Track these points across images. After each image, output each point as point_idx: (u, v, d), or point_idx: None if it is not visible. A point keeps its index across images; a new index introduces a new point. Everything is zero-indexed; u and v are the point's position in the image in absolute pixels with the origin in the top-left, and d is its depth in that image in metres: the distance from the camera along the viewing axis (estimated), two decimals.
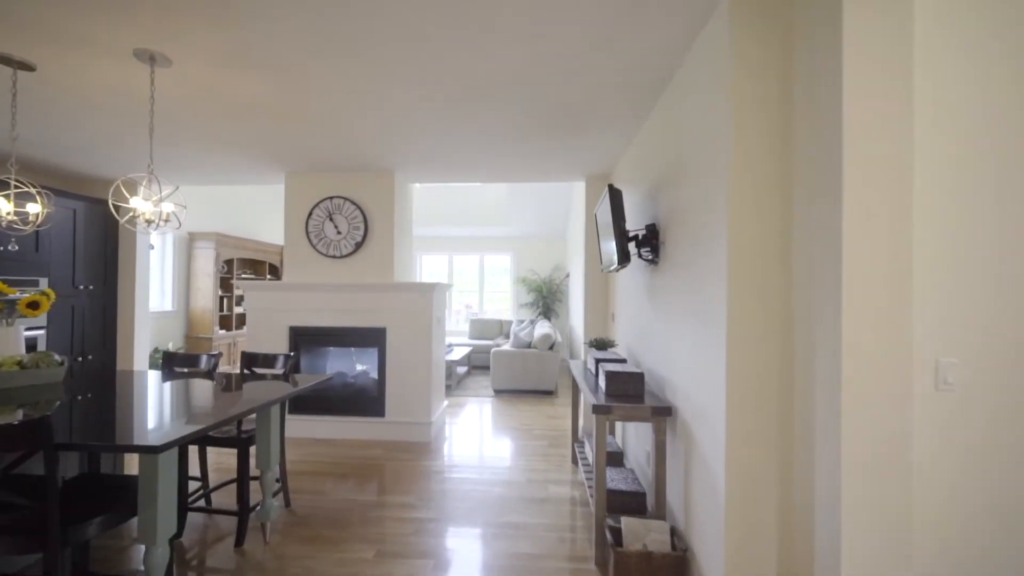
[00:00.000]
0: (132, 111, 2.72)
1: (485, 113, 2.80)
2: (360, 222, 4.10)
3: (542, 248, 8.80)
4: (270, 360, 2.89)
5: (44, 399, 2.09)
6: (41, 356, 2.39)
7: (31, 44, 2.01)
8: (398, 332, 4.04)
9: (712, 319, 1.77)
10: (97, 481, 1.90)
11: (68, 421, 1.86)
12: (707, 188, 1.84)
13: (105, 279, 4.51)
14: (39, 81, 2.35)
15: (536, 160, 3.78)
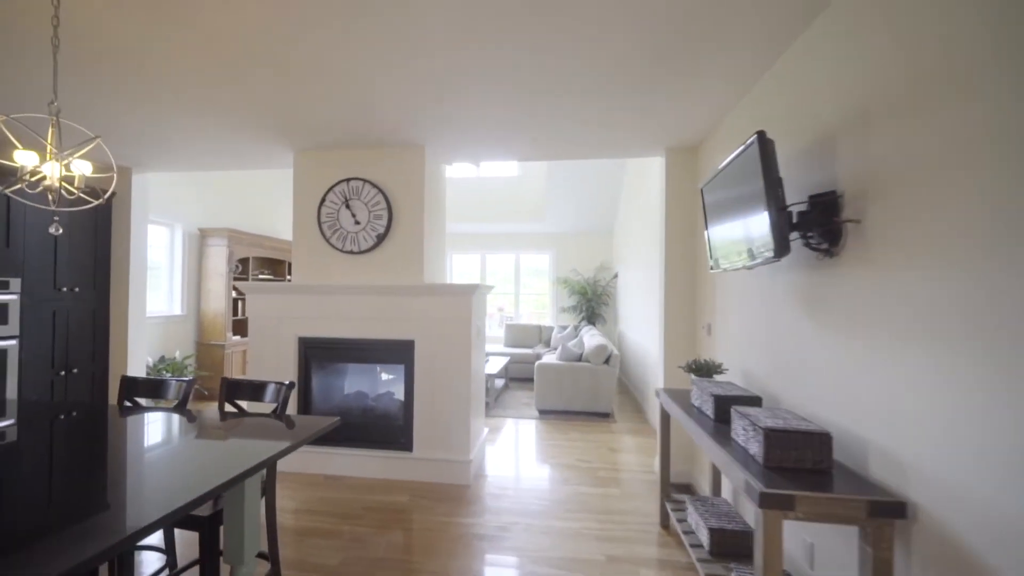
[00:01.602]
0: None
1: (550, 46, 1.95)
2: (383, 209, 3.32)
3: (585, 245, 7.88)
4: (258, 391, 2.12)
5: None
6: None
7: None
8: (430, 346, 3.23)
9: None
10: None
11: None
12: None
13: (95, 280, 3.90)
14: None
15: (604, 127, 2.90)
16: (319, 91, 2.44)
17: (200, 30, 1.85)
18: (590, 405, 4.74)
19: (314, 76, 2.27)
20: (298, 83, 2.34)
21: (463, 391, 3.20)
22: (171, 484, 1.31)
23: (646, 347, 4.99)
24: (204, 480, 1.29)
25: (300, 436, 1.72)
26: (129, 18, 1.76)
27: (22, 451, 1.63)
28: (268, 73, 2.24)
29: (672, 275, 3.26)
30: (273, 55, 2.07)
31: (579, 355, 4.94)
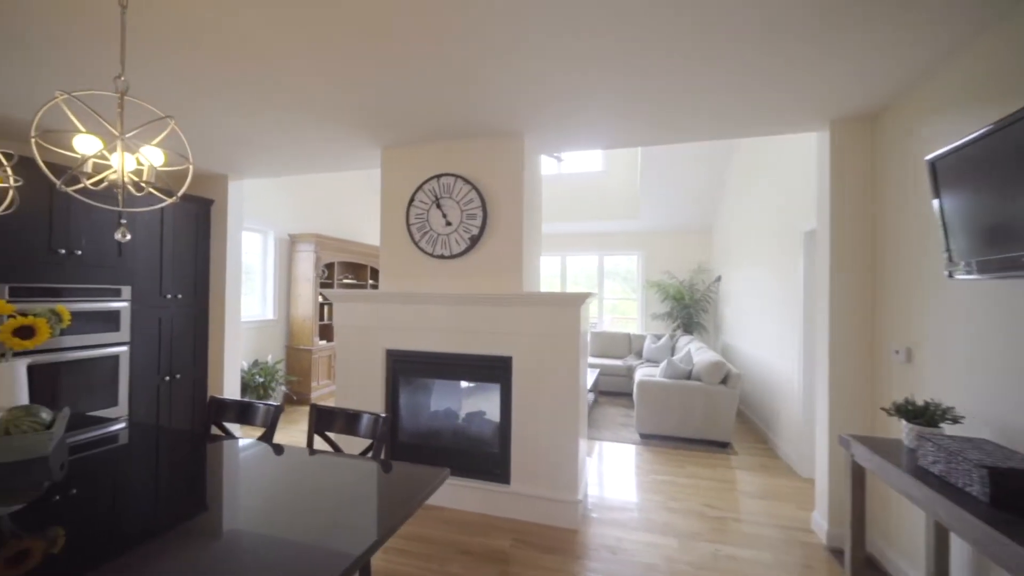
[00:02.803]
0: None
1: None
2: (477, 208, 2.94)
3: (680, 245, 7.08)
4: (351, 422, 1.80)
5: None
6: (17, 415, 1.52)
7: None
8: (530, 364, 2.79)
9: None
10: None
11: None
12: None
13: (195, 287, 3.96)
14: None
15: (748, 100, 2.29)
16: (410, 77, 2.10)
17: (298, 28, 1.56)
18: (704, 432, 4.04)
19: (406, 61, 1.92)
20: (389, 68, 2.01)
21: (570, 419, 2.72)
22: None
23: (770, 364, 4.18)
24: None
25: (416, 492, 1.34)
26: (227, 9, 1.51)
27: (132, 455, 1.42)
28: (358, 60, 1.93)
29: (840, 281, 2.53)
30: (366, 41, 1.74)
31: (688, 372, 4.26)
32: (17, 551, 1.09)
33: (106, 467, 1.66)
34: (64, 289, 2.99)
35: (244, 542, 1.16)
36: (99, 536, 1.21)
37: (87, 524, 1.27)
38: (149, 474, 1.66)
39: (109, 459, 1.72)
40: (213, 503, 1.39)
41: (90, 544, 1.15)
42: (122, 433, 1.98)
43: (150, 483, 1.58)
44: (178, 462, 1.73)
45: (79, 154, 1.03)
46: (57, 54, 1.92)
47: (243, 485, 1.50)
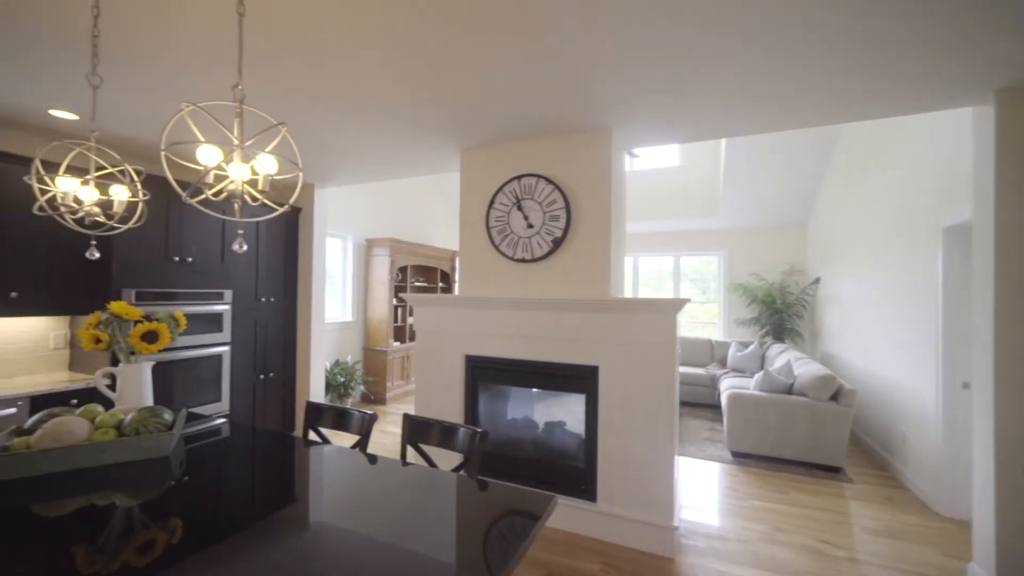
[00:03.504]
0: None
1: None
2: (560, 209, 2.80)
3: (768, 244, 6.47)
4: (447, 435, 1.72)
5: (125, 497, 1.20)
6: (145, 416, 1.59)
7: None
8: (619, 374, 2.60)
9: None
10: None
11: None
12: None
13: (285, 291, 4.18)
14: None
15: (888, 71, 1.93)
16: (497, 79, 1.99)
17: (379, 38, 1.51)
18: (809, 454, 3.59)
19: (495, 63, 1.81)
20: (475, 72, 1.92)
21: (664, 436, 2.49)
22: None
23: (894, 381, 3.63)
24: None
25: (516, 538, 1.21)
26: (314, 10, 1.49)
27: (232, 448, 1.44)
28: (443, 67, 1.86)
29: (1009, 284, 2.08)
30: (453, 48, 1.66)
31: (788, 385, 3.82)
32: (145, 540, 1.15)
33: (212, 459, 1.71)
34: (177, 293, 3.25)
35: (334, 539, 1.10)
36: (206, 522, 1.26)
37: (198, 511, 1.32)
38: (248, 468, 1.68)
39: (214, 451, 1.78)
40: (307, 508, 1.36)
41: (199, 529, 1.21)
42: (223, 428, 2.06)
43: (249, 476, 1.60)
44: (273, 460, 1.75)
45: (202, 166, 1.01)
46: (176, 75, 2.04)
47: (339, 492, 1.47)
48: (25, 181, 1.45)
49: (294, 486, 1.57)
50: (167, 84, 2.14)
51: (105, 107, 2.43)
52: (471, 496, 1.45)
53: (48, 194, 1.51)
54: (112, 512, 1.30)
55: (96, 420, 1.56)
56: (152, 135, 2.87)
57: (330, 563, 1.06)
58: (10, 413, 2.46)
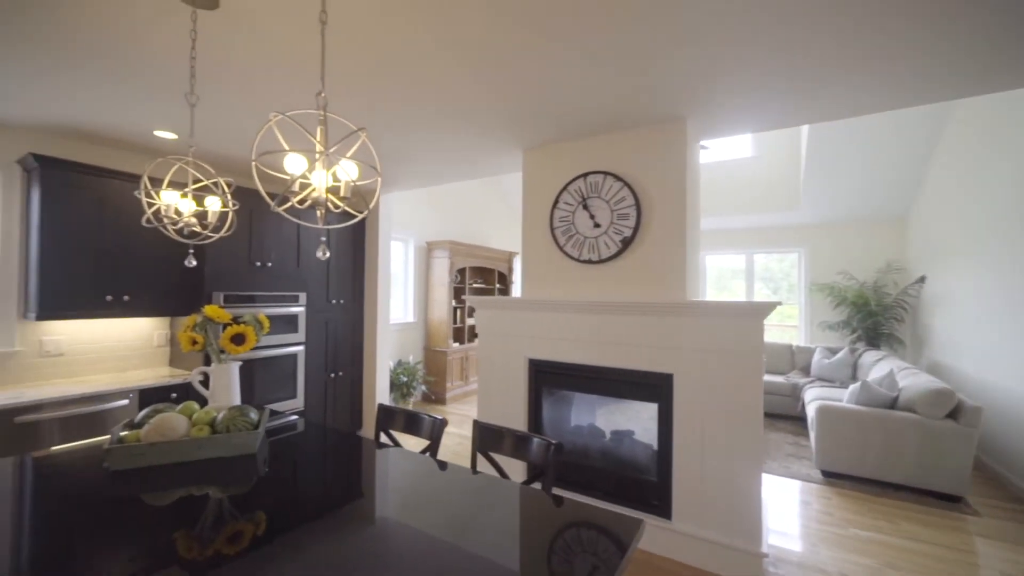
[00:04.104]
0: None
1: None
2: (629, 207, 2.66)
3: (858, 239, 5.84)
4: (520, 444, 1.66)
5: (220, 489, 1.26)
6: (234, 415, 1.67)
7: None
8: (697, 383, 2.41)
9: None
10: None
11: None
12: None
13: (353, 293, 4.36)
14: (226, 25, 1.65)
15: None
16: (564, 73, 1.90)
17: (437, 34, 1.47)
18: (921, 479, 3.15)
19: (564, 58, 1.72)
20: (543, 68, 1.84)
21: (751, 452, 2.27)
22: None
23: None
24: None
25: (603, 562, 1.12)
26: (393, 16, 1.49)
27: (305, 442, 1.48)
28: (511, 65, 1.80)
29: None
30: (522, 46, 1.59)
31: (892, 399, 3.38)
32: (234, 531, 1.21)
33: (290, 455, 1.76)
34: (258, 296, 3.47)
35: (398, 534, 1.06)
36: (284, 514, 1.31)
37: (278, 504, 1.37)
38: (321, 464, 1.72)
39: (291, 447, 1.84)
40: (374, 505, 1.34)
41: (278, 521, 1.27)
42: (298, 424, 2.14)
43: (322, 472, 1.63)
44: (344, 459, 1.77)
45: (288, 175, 1.02)
46: (260, 91, 2.16)
47: (408, 494, 1.44)
48: (135, 196, 1.58)
49: (362, 483, 1.58)
50: (252, 100, 2.27)
51: (198, 125, 2.63)
52: (545, 512, 1.37)
53: (153, 207, 1.62)
54: (206, 503, 1.37)
55: (193, 417, 1.67)
56: (237, 150, 3.07)
57: (393, 557, 1.09)
58: (123, 404, 2.73)
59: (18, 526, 1.23)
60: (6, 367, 2.71)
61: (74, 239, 2.73)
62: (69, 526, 1.22)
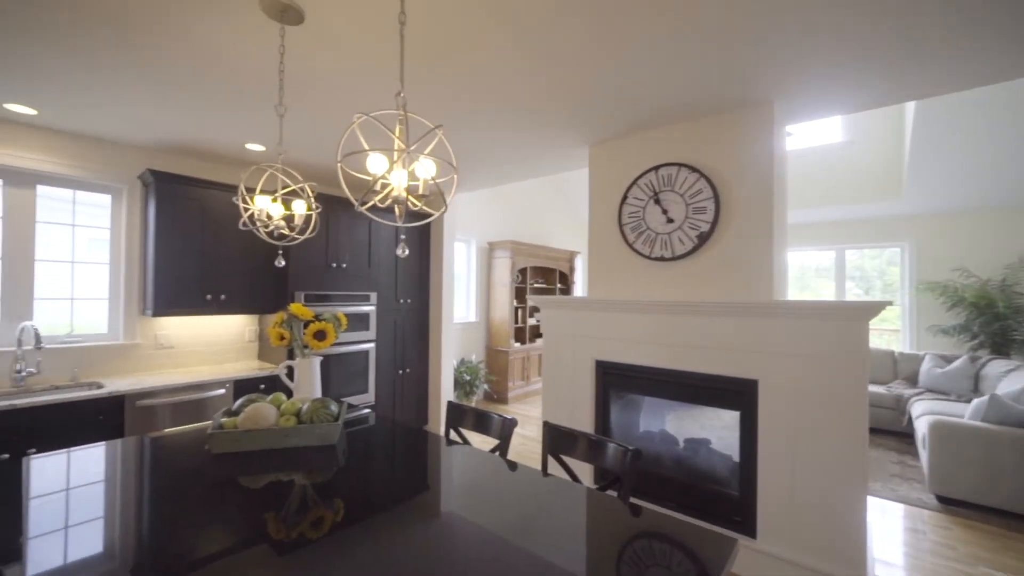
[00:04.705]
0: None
1: None
2: (706, 200, 2.48)
3: (980, 231, 5.07)
4: (595, 449, 1.59)
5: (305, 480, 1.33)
6: (317, 407, 1.76)
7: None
8: (787, 390, 2.19)
9: None
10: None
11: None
12: None
13: (420, 292, 4.49)
14: (309, 39, 1.74)
15: None
16: (636, 60, 1.79)
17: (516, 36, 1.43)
18: None
19: (636, 43, 1.62)
20: (612, 56, 1.75)
21: (854, 469, 2.02)
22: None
23: None
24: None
25: None
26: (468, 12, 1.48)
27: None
28: (579, 55, 1.72)
29: None
30: (592, 35, 1.51)
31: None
32: (317, 516, 1.26)
33: (363, 447, 1.82)
34: (333, 295, 3.68)
35: (464, 529, 1.03)
36: (359, 503, 1.34)
37: (353, 493, 1.41)
38: (393, 458, 1.75)
39: (365, 440, 1.89)
40: (438, 500, 1.33)
41: (353, 509, 1.31)
42: (370, 418, 2.20)
43: (393, 465, 1.65)
44: (415, 453, 1.79)
45: (370, 174, 1.03)
46: (339, 100, 2.27)
47: (478, 492, 1.42)
48: (233, 202, 1.71)
49: (431, 478, 1.58)
50: (332, 108, 2.39)
51: (283, 136, 2.82)
52: (620, 521, 1.29)
53: (248, 212, 1.75)
54: (291, 489, 1.44)
55: (281, 407, 1.77)
56: (317, 159, 3.27)
57: (457, 552, 1.09)
58: (221, 393, 3.00)
59: (139, 498, 1.37)
60: (129, 357, 3.08)
61: (181, 244, 3.04)
62: (178, 500, 1.34)
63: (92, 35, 1.74)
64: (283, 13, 1.57)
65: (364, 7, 1.55)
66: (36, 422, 2.32)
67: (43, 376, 2.74)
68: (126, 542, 1.13)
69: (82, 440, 2.43)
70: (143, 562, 1.05)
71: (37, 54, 1.89)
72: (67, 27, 1.69)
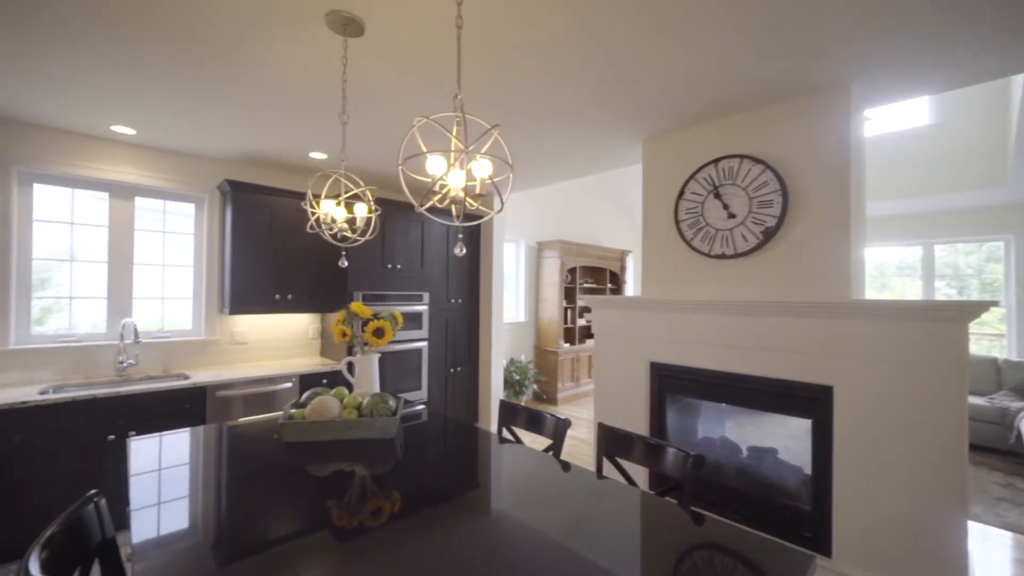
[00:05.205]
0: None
1: None
2: (773, 193, 2.32)
3: None
4: (653, 453, 1.53)
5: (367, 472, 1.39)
6: (376, 402, 1.83)
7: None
8: (869, 398, 2.00)
9: None
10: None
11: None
12: None
13: (470, 292, 4.55)
14: (369, 49, 1.81)
15: None
16: (695, 45, 1.70)
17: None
18: None
19: (696, 29, 1.53)
20: (671, 44, 1.67)
21: (950, 490, 1.81)
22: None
23: None
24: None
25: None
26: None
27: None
28: (623, 38, 1.66)
29: None
30: (652, 23, 1.45)
31: None
32: (376, 506, 1.31)
33: (418, 441, 1.86)
34: (388, 295, 3.82)
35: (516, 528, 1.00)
36: (413, 495, 1.37)
37: (409, 485, 1.45)
38: (446, 453, 1.78)
39: (420, 435, 1.94)
40: (489, 497, 1.33)
41: (409, 501, 1.34)
42: (423, 414, 2.25)
43: (447, 459, 1.68)
44: (468, 450, 1.80)
45: (429, 176, 1.06)
46: (396, 108, 2.35)
47: (530, 491, 1.41)
48: (299, 208, 1.82)
49: (482, 474, 1.59)
50: (389, 114, 2.49)
51: (340, 144, 2.97)
52: (681, 529, 1.23)
53: (314, 216, 1.85)
54: (352, 478, 1.50)
55: (343, 401, 1.86)
56: (374, 164, 3.41)
57: (506, 548, 1.10)
58: (287, 387, 3.21)
59: (218, 480, 1.48)
60: (209, 352, 3.37)
61: (253, 247, 3.28)
62: (252, 484, 1.44)
63: (179, 64, 1.94)
64: (346, 27, 1.65)
65: (421, 16, 1.60)
66: (135, 407, 2.59)
67: (140, 367, 3.05)
68: (207, 520, 1.23)
69: (171, 425, 2.69)
70: (222, 539, 1.14)
71: (136, 82, 2.12)
72: (161, 58, 1.88)
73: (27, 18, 1.63)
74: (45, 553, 0.94)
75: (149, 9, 1.58)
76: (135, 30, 1.70)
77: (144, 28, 1.69)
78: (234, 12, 1.60)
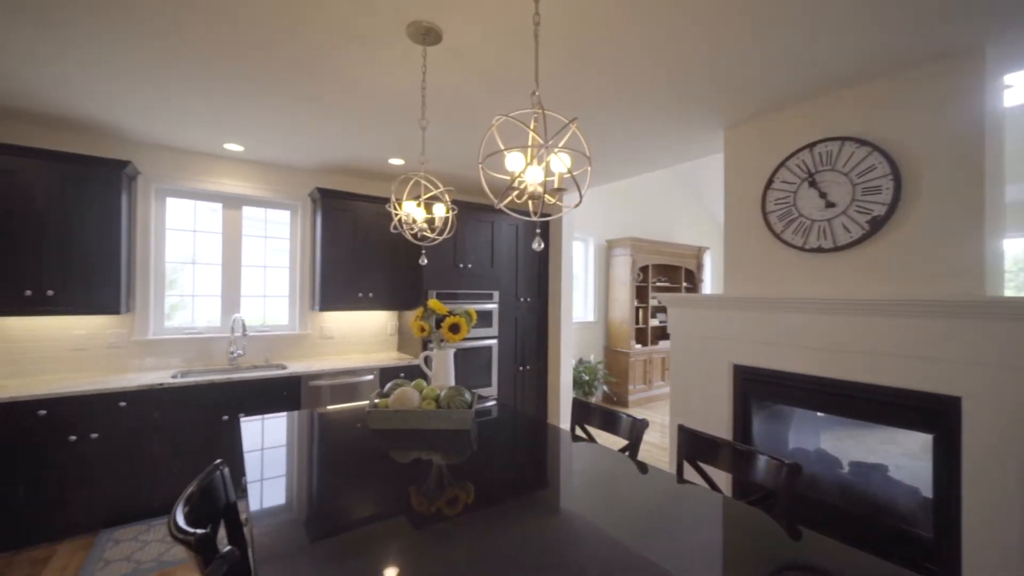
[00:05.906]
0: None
1: None
2: (881, 178, 2.06)
3: None
4: (742, 460, 1.42)
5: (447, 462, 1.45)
6: (453, 394, 1.89)
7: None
8: (1008, 412, 1.70)
9: None
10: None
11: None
12: None
13: (539, 291, 4.56)
14: (446, 56, 1.88)
15: None
16: (784, 21, 1.55)
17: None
18: None
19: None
20: (756, 20, 1.54)
21: None
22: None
23: None
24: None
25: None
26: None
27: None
28: (715, 24, 1.55)
29: None
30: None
31: None
32: (452, 495, 1.35)
33: (491, 435, 1.88)
34: (460, 294, 3.94)
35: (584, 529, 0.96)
36: (486, 488, 1.40)
37: (482, 478, 1.47)
38: (518, 448, 1.78)
39: (492, 429, 1.96)
40: (558, 494, 1.30)
41: (482, 493, 1.37)
42: (494, 409, 2.28)
43: (518, 454, 1.68)
44: (540, 446, 1.80)
45: (508, 173, 1.07)
46: (468, 112, 2.42)
47: (605, 496, 1.36)
48: (380, 211, 1.93)
49: (552, 472, 1.57)
50: (465, 118, 2.57)
51: (416, 150, 3.11)
52: (774, 543, 1.13)
53: (396, 216, 1.96)
54: (431, 467, 1.56)
55: (422, 392, 1.95)
56: (448, 167, 3.54)
57: (570, 549, 1.09)
58: (369, 379, 3.43)
59: (310, 461, 1.62)
60: (302, 345, 3.70)
61: (339, 249, 3.56)
62: (340, 466, 1.55)
63: (283, 86, 2.16)
64: (425, 36, 1.73)
65: (496, 19, 1.63)
66: (244, 393, 2.92)
67: (247, 358, 3.43)
68: (300, 497, 1.34)
69: (271, 409, 3.00)
70: (312, 516, 1.24)
71: (245, 104, 2.39)
72: (271, 82, 2.10)
73: (179, 61, 1.90)
74: (187, 508, 1.09)
75: (268, 42, 1.79)
76: (256, 57, 1.92)
77: (266, 57, 1.91)
78: (327, 35, 1.74)
